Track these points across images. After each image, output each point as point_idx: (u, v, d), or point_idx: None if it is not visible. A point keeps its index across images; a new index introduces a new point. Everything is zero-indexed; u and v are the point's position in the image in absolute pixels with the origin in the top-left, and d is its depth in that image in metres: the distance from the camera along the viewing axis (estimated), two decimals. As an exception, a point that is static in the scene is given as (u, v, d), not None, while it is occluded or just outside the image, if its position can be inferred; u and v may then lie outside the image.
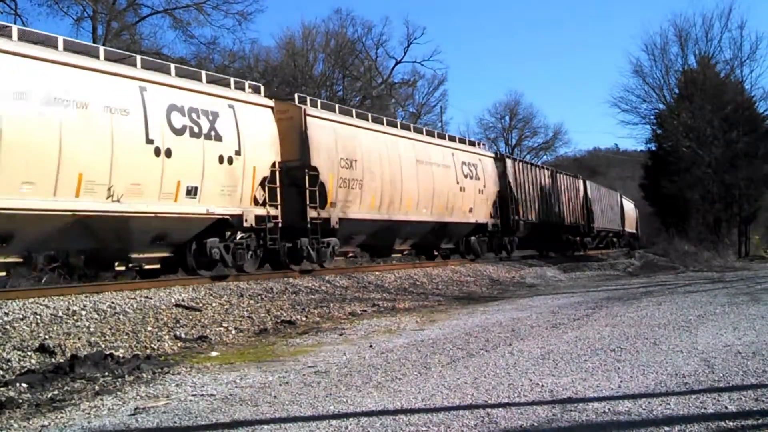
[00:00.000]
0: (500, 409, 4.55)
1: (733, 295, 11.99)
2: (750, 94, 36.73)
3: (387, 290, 14.03)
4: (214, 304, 10.19)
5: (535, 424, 4.19)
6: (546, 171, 28.88)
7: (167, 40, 49.25)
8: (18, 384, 5.86)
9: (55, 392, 5.69)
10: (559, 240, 29.18)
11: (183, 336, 8.41)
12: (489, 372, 5.76)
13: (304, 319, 10.16)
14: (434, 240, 20.05)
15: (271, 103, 13.89)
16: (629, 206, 46.82)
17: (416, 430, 4.16)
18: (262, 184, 13.15)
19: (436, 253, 20.83)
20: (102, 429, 4.53)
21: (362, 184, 15.72)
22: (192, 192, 11.57)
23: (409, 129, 19.07)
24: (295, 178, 14.07)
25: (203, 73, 12.81)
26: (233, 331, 8.94)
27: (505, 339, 7.59)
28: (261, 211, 12.99)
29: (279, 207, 13.41)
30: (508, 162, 24.17)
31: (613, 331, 7.91)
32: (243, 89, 13.36)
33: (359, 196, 15.66)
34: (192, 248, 12.12)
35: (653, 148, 43.24)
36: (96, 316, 8.56)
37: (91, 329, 8.03)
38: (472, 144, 22.75)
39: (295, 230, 14.04)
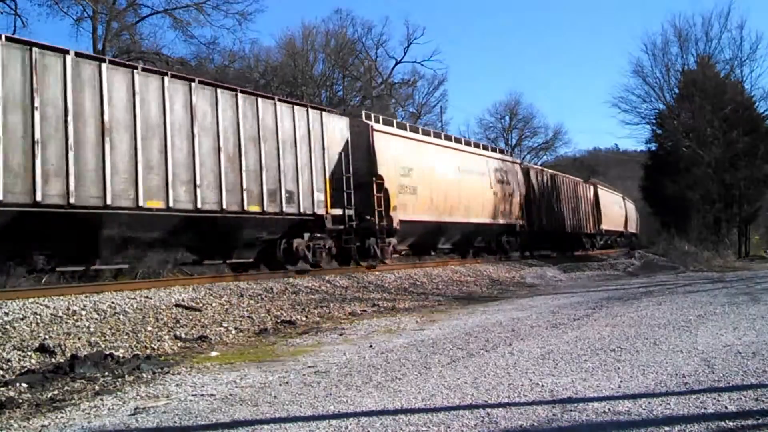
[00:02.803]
0: (500, 409, 4.55)
1: (733, 295, 11.99)
2: (750, 94, 36.77)
3: (387, 290, 14.03)
4: (214, 304, 10.19)
5: (535, 424, 4.19)
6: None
7: (167, 40, 49.37)
8: (18, 384, 5.86)
9: (55, 392, 5.69)
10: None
11: (183, 336, 8.41)
12: (489, 372, 5.76)
13: (304, 319, 10.16)
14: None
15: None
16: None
17: (416, 430, 4.16)
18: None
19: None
20: (102, 429, 4.53)
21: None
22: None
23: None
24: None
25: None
26: (233, 331, 8.94)
27: (505, 339, 7.59)
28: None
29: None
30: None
31: (613, 331, 7.91)
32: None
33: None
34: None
35: (653, 148, 43.23)
36: (96, 316, 8.56)
37: (91, 329, 8.03)
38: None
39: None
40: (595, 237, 35.89)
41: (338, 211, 14.92)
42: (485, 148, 24.55)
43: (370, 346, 7.51)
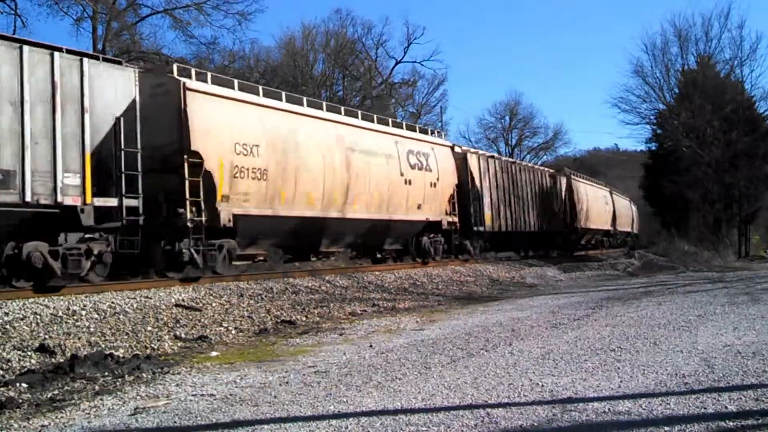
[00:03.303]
0: (500, 409, 4.55)
1: (733, 295, 11.99)
2: (750, 94, 36.78)
3: (387, 290, 14.03)
4: (214, 304, 10.19)
5: (535, 424, 4.19)
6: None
7: (167, 40, 49.26)
8: (18, 384, 5.86)
9: (55, 392, 5.69)
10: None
11: (183, 336, 8.41)
12: (489, 372, 5.76)
13: (304, 319, 10.16)
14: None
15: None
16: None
17: (416, 430, 4.16)
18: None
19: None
20: (102, 429, 4.53)
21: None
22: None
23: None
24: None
25: None
26: (233, 331, 8.94)
27: (505, 339, 7.59)
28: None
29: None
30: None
31: (613, 331, 7.91)
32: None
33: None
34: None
35: (653, 148, 43.24)
36: (96, 316, 8.56)
37: (91, 329, 8.03)
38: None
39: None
40: (569, 236, 30.56)
41: (110, 202, 10.33)
42: (399, 125, 19.01)
43: (370, 346, 7.51)
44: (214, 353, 7.55)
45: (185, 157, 11.69)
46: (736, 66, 36.43)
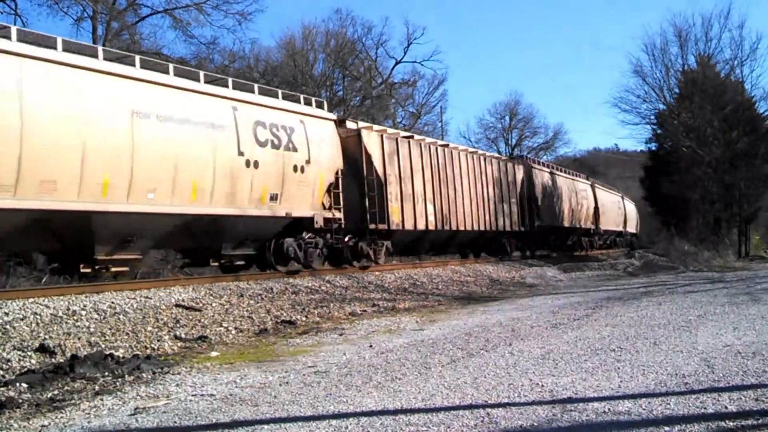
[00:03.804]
0: (500, 409, 4.55)
1: (733, 295, 11.99)
2: (750, 94, 36.72)
3: (387, 290, 14.03)
4: (214, 304, 10.20)
5: (535, 424, 4.19)
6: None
7: (167, 40, 49.22)
8: (18, 384, 5.87)
9: (55, 392, 5.69)
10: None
11: (183, 336, 8.41)
12: (489, 372, 5.76)
13: (304, 319, 10.16)
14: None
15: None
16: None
17: (416, 430, 4.16)
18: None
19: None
20: (102, 429, 4.53)
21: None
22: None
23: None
24: None
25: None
26: (233, 331, 8.94)
27: (505, 339, 7.59)
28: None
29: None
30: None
31: (613, 331, 7.91)
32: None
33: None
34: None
35: (653, 148, 43.19)
36: (96, 316, 8.56)
37: (91, 329, 8.03)
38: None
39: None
40: (530, 237, 25.03)
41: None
42: (244, 88, 13.25)
43: (370, 346, 7.51)
44: (214, 353, 7.55)
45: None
46: (736, 66, 36.41)
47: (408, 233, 17.63)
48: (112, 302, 9.24)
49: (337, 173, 15.02)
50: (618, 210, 41.59)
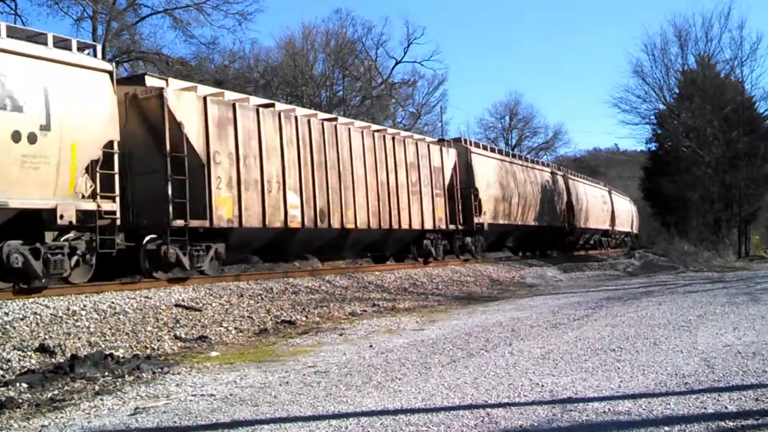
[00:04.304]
0: (500, 409, 4.55)
1: (733, 295, 11.99)
2: (750, 94, 36.70)
3: (387, 290, 14.03)
4: (214, 304, 10.19)
5: (535, 424, 4.19)
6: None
7: (167, 40, 49.32)
8: (18, 384, 5.87)
9: (55, 392, 5.69)
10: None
11: (183, 336, 8.41)
12: (489, 372, 5.76)
13: (304, 319, 10.16)
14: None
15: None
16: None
17: (416, 430, 4.16)
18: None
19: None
20: (102, 429, 4.53)
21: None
22: None
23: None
24: None
25: None
26: (233, 331, 8.94)
27: (505, 339, 7.59)
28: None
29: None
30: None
31: (613, 331, 7.91)
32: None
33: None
34: None
35: (653, 148, 43.16)
36: (96, 316, 8.56)
37: (91, 329, 8.03)
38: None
39: None
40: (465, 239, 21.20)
41: None
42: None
43: (370, 346, 7.51)
44: (214, 353, 7.55)
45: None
46: (736, 66, 36.37)
47: (254, 233, 13.17)
48: (112, 302, 9.24)
49: (109, 147, 10.40)
50: (603, 206, 37.27)
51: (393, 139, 17.60)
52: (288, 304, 10.98)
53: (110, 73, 10.64)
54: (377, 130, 17.78)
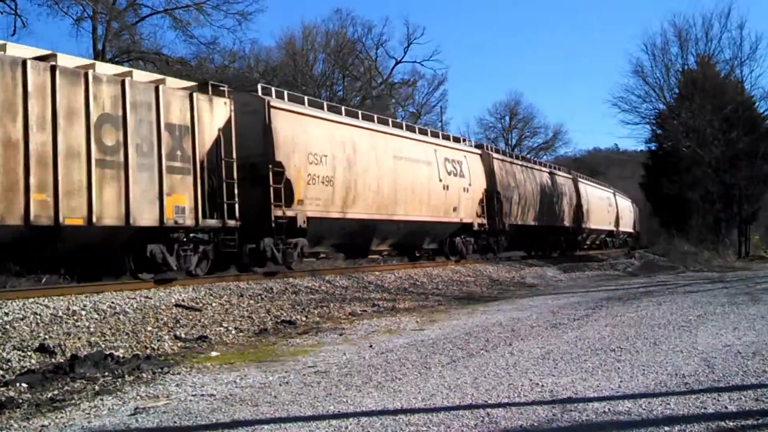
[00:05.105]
0: (500, 409, 4.55)
1: (733, 295, 11.99)
2: (750, 94, 36.78)
3: (387, 290, 14.02)
4: (214, 304, 10.19)
5: (535, 424, 4.19)
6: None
7: (167, 40, 49.27)
8: (18, 384, 5.87)
9: (55, 392, 5.69)
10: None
11: (183, 336, 8.41)
12: (489, 372, 5.76)
13: (304, 319, 10.16)
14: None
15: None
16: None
17: (416, 430, 4.16)
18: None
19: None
20: (102, 429, 4.53)
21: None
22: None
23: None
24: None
25: None
26: (233, 331, 8.94)
27: (505, 339, 7.59)
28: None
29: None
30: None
31: (613, 331, 7.91)
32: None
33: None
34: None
35: (653, 148, 43.16)
36: (96, 316, 8.56)
37: (91, 329, 8.03)
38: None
39: None
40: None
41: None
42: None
43: (370, 346, 7.51)
44: (214, 353, 7.55)
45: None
46: (736, 66, 36.48)
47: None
48: (112, 302, 9.24)
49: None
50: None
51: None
52: (288, 304, 10.98)
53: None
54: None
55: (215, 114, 12.18)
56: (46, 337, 7.51)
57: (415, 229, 18.19)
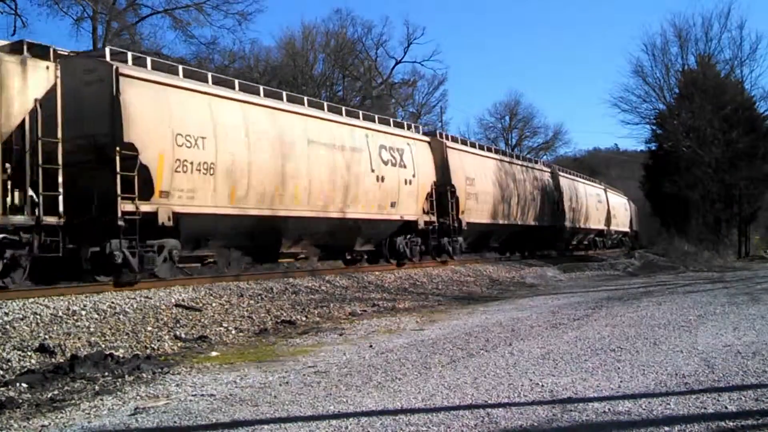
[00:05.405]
0: (500, 409, 4.55)
1: (733, 295, 11.99)
2: (750, 94, 36.77)
3: (387, 290, 14.02)
4: (214, 304, 10.19)
5: (535, 424, 4.19)
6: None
7: (167, 40, 49.17)
8: (18, 384, 5.87)
9: (55, 392, 5.69)
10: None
11: (183, 336, 8.41)
12: (489, 372, 5.76)
13: (304, 319, 10.16)
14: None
15: None
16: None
17: (416, 430, 4.16)
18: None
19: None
20: (102, 429, 4.53)
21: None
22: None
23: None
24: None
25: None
26: (233, 331, 8.94)
27: (505, 339, 7.59)
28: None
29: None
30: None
31: (613, 331, 7.91)
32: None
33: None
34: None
35: (653, 148, 43.15)
36: (96, 316, 8.56)
37: (91, 329, 8.03)
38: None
39: None
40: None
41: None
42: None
43: (370, 346, 7.51)
44: (214, 353, 7.55)
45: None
46: (736, 66, 36.46)
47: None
48: (112, 302, 9.24)
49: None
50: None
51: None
52: (288, 304, 10.98)
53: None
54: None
55: (30, 80, 9.51)
56: (46, 337, 7.51)
57: (339, 228, 15.37)
